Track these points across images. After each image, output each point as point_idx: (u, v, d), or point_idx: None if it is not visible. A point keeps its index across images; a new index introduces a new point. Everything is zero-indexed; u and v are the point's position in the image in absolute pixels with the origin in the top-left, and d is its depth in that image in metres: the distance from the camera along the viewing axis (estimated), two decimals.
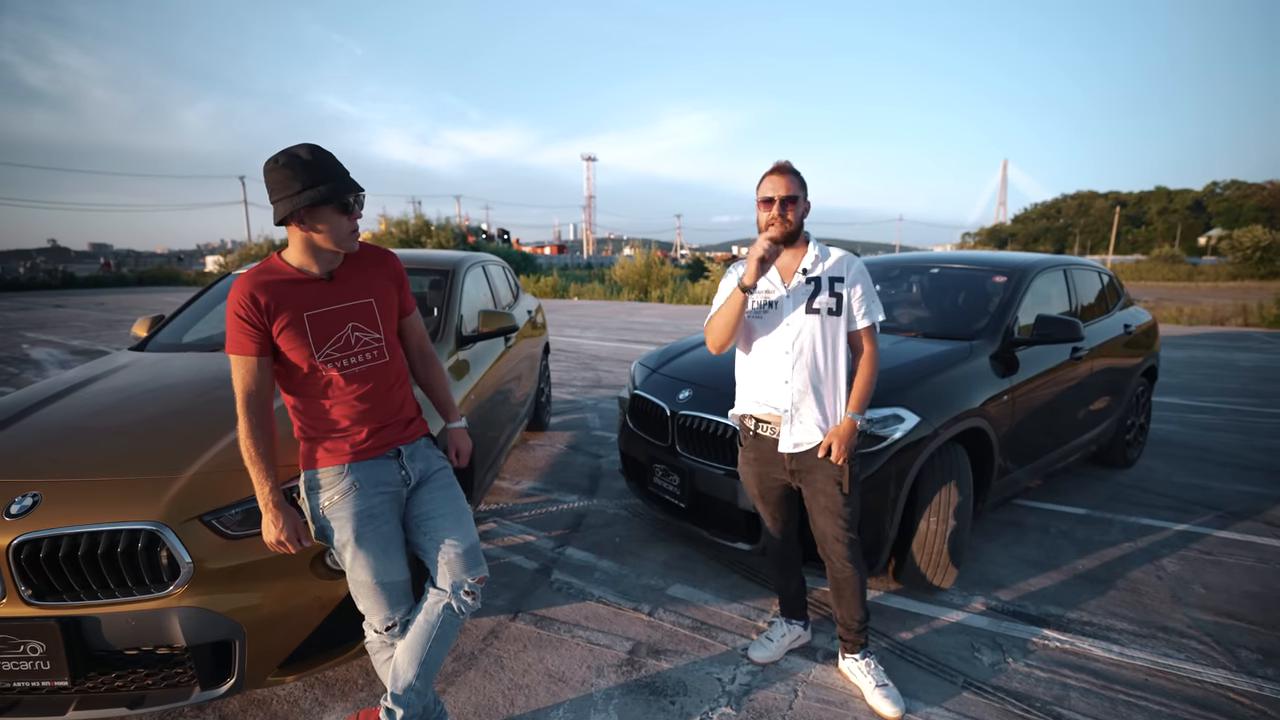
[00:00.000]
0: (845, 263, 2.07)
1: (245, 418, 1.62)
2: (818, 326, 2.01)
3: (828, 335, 2.02)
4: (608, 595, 2.79)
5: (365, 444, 1.73)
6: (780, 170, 2.01)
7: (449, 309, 3.22)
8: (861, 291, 2.04)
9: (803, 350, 2.02)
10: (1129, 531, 3.41)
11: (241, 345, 1.61)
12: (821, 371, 2.02)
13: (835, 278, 2.04)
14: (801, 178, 2.02)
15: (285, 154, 1.56)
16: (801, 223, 2.04)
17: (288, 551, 1.66)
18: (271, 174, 1.55)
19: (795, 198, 1.98)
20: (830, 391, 2.04)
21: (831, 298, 2.01)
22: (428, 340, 2.00)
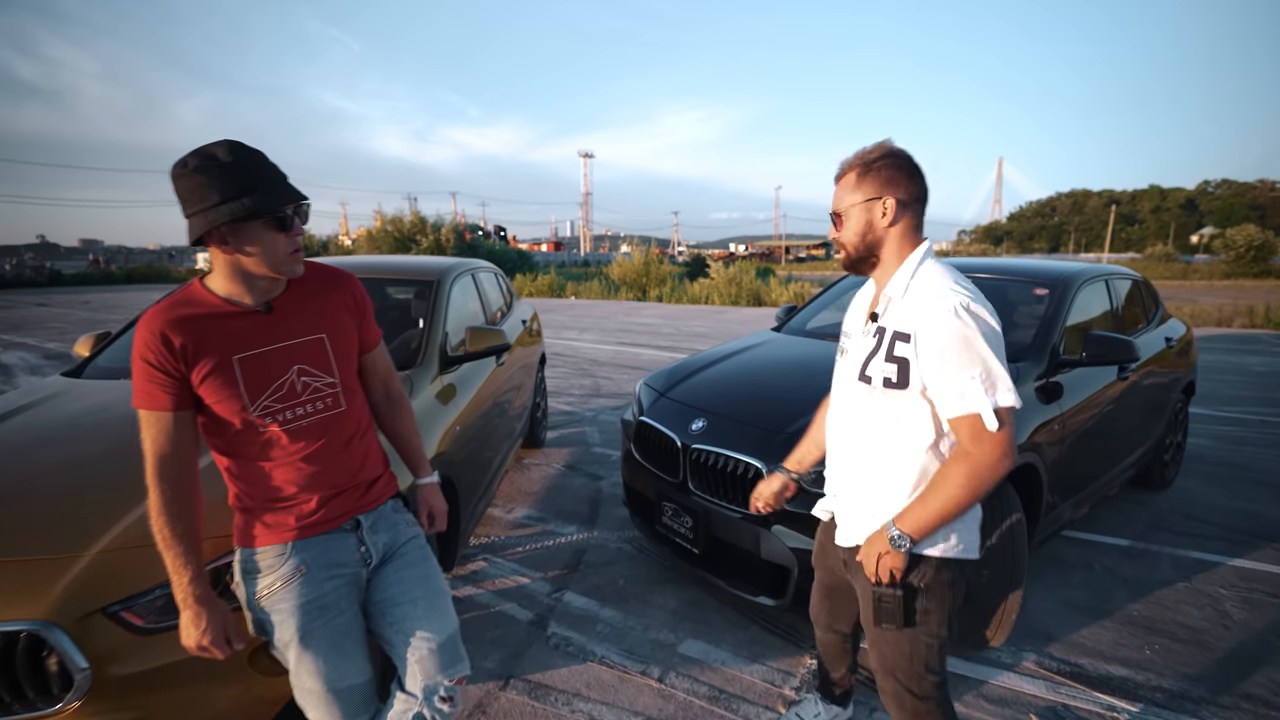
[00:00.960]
0: (925, 307, 1.27)
1: (157, 489, 1.27)
2: (867, 400, 1.39)
3: (883, 417, 1.37)
4: (612, 655, 2.46)
5: (314, 516, 1.40)
6: (837, 175, 1.42)
7: (432, 326, 2.88)
8: (939, 358, 1.24)
9: (846, 428, 1.47)
10: (1180, 568, 3.11)
11: (152, 398, 1.27)
12: (869, 463, 1.42)
13: (901, 333, 1.31)
14: (871, 169, 1.35)
15: (197, 155, 1.21)
16: (865, 243, 1.39)
17: (213, 657, 1.32)
18: (180, 181, 1.21)
19: (837, 215, 1.42)
20: (882, 491, 1.40)
21: (890, 363, 1.32)
22: (395, 378, 1.66)
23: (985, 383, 1.22)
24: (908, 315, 1.31)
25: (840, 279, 4.35)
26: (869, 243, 1.39)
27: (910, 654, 1.42)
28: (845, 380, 1.48)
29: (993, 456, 1.23)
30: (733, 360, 3.23)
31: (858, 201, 1.37)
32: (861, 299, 1.54)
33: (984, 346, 1.22)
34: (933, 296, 1.28)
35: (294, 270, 1.34)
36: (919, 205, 1.38)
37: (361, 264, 3.54)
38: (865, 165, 1.36)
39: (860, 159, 1.38)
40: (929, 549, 1.36)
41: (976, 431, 1.24)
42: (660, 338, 11.36)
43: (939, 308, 1.26)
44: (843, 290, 4.22)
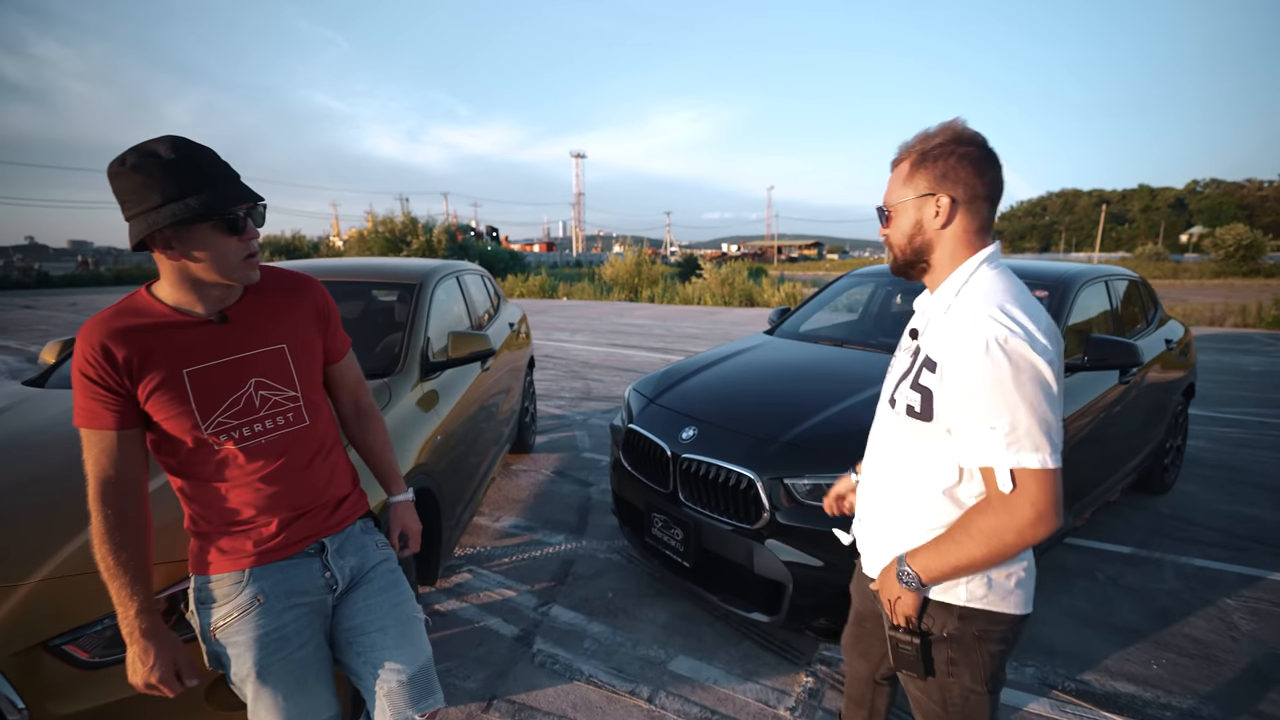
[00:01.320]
0: (957, 334, 1.06)
1: (100, 513, 1.17)
2: (892, 428, 1.23)
3: (905, 446, 1.19)
4: (599, 673, 2.36)
5: (274, 540, 1.30)
6: (891, 164, 1.20)
7: (413, 332, 2.77)
8: (961, 398, 1.04)
9: (874, 451, 1.30)
10: (1183, 576, 3.04)
11: (94, 416, 1.16)
12: (890, 492, 1.24)
13: (929, 359, 1.11)
14: (930, 159, 1.12)
15: (136, 152, 1.10)
16: (913, 246, 1.17)
17: (163, 695, 1.21)
18: (117, 180, 1.10)
19: (881, 210, 1.22)
20: (900, 526, 1.23)
21: (915, 390, 1.14)
22: (366, 390, 1.56)
23: (1007, 436, 0.99)
24: (940, 340, 1.09)
25: (835, 280, 4.26)
26: (918, 246, 1.17)
27: (943, 703, 1.23)
28: (882, 399, 1.29)
29: (1020, 520, 1.01)
30: (724, 365, 3.13)
31: (908, 197, 1.15)
32: (918, 307, 1.33)
33: (1015, 393, 0.99)
34: (967, 322, 1.05)
35: (248, 277, 1.23)
36: (984, 204, 1.13)
37: (343, 267, 3.42)
38: (922, 153, 1.13)
39: (919, 144, 1.15)
40: (948, 596, 1.15)
41: (992, 491, 1.05)
42: (652, 339, 11.26)
43: (970, 338, 1.03)
44: (837, 292, 4.14)
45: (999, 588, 1.14)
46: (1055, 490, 1.02)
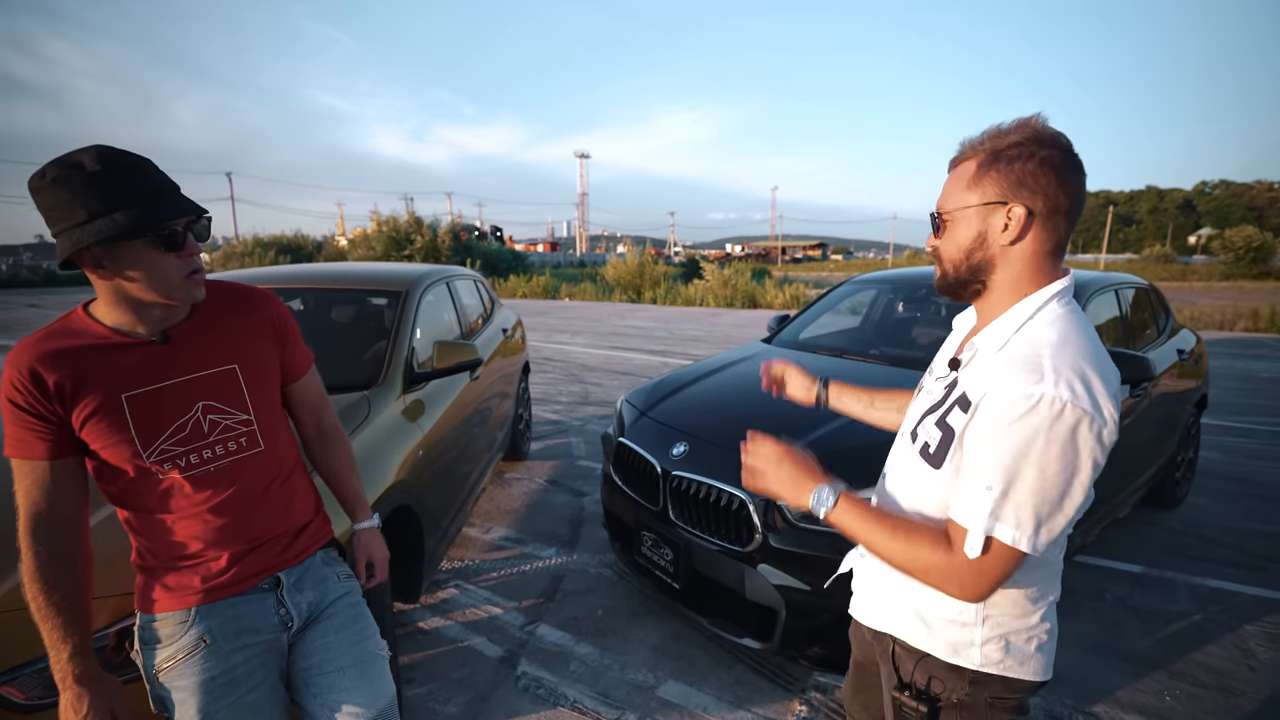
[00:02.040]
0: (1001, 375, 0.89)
1: (30, 550, 1.08)
2: (907, 463, 1.06)
3: (921, 491, 1.02)
4: (585, 698, 2.26)
5: (224, 576, 1.21)
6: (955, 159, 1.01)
7: (397, 341, 2.68)
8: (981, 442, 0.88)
9: (887, 487, 1.13)
10: (1197, 597, 2.92)
11: (24, 445, 1.07)
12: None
13: (963, 396, 0.94)
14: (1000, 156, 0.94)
15: (58, 164, 1.01)
16: (972, 264, 0.98)
17: None
18: (38, 195, 1.01)
19: (934, 217, 1.03)
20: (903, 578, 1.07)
21: (939, 429, 0.97)
22: (329, 410, 1.47)
23: (996, 501, 0.86)
24: (985, 379, 0.91)
25: (837, 286, 4.16)
26: (976, 263, 0.98)
27: None
28: (909, 421, 1.12)
29: (959, 576, 0.90)
30: (719, 376, 3.03)
31: (971, 204, 0.96)
32: (958, 327, 1.18)
33: (1033, 463, 0.84)
34: (1026, 370, 0.86)
35: (192, 295, 1.14)
36: (1063, 220, 0.94)
37: (329, 273, 3.34)
38: (993, 153, 0.95)
39: (989, 142, 0.96)
40: (961, 659, 1.01)
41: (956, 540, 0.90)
42: (653, 341, 11.16)
43: (1021, 387, 0.85)
44: (838, 299, 4.03)
45: (1017, 652, 1.00)
46: (1008, 572, 0.88)
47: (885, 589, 1.13)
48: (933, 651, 1.04)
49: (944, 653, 1.03)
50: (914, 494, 1.04)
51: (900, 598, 1.09)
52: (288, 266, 3.69)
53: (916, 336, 3.59)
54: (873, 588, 1.17)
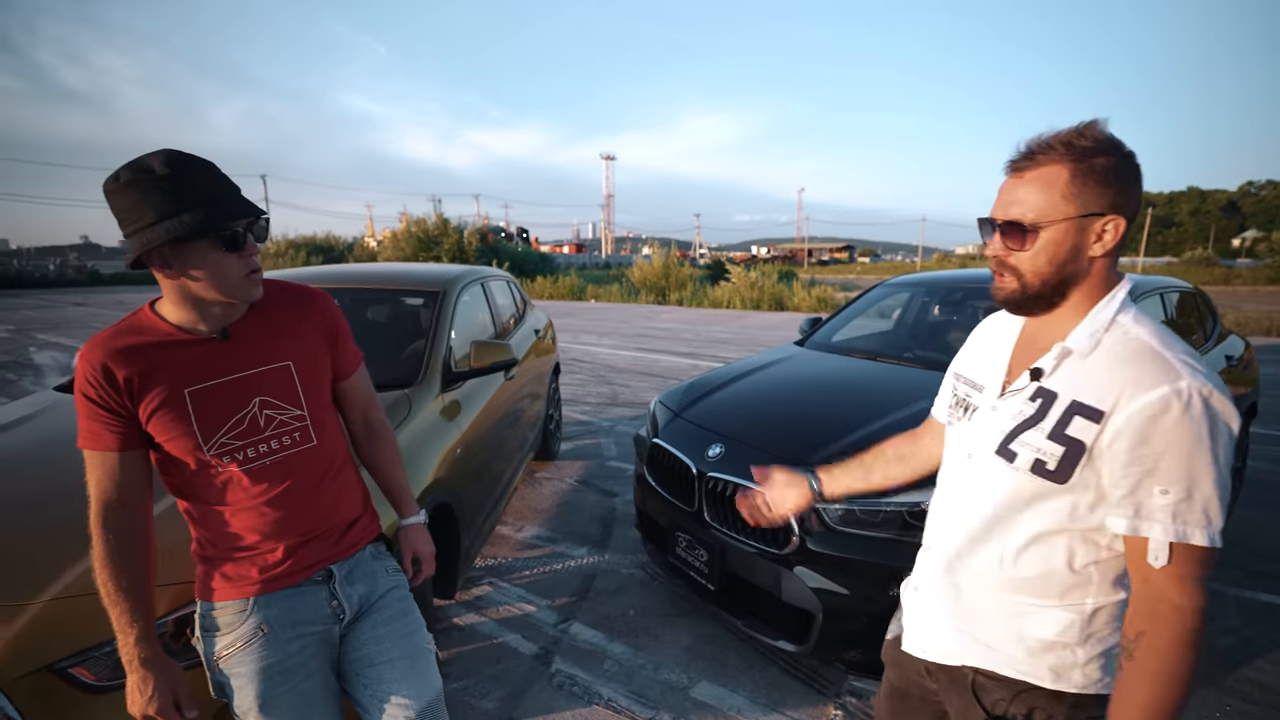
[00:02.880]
0: (1133, 379, 0.87)
1: (101, 537, 1.14)
2: (1004, 484, 0.99)
3: (1031, 510, 0.97)
4: (619, 696, 2.28)
5: (280, 567, 1.25)
6: (1019, 162, 0.95)
7: (436, 340, 2.73)
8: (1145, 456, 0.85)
9: (969, 512, 1.05)
10: (1247, 613, 2.83)
11: (96, 438, 1.13)
12: (998, 564, 1.01)
13: (1085, 406, 0.90)
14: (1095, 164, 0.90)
15: (130, 168, 1.06)
16: (1061, 275, 0.95)
17: None
18: (112, 198, 1.07)
19: (1027, 228, 0.94)
20: (1000, 602, 1.02)
21: (1055, 442, 0.93)
22: (377, 407, 1.51)
23: (1178, 504, 0.83)
24: (1103, 384, 0.89)
25: (869, 289, 4.12)
26: (1065, 275, 0.94)
27: None
28: (969, 447, 1.06)
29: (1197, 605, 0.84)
30: (753, 378, 3.03)
31: (1070, 215, 0.91)
32: (995, 338, 1.13)
33: (1207, 456, 0.83)
34: (1154, 368, 0.86)
35: (250, 294, 1.19)
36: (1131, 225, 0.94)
37: (367, 273, 3.41)
38: (1085, 160, 0.90)
39: (1075, 147, 0.90)
40: (1061, 683, 0.98)
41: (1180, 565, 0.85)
42: (680, 343, 11.16)
43: (1163, 387, 0.84)
44: (872, 301, 4.00)
45: (1113, 665, 0.96)
46: (1208, 572, 0.85)
47: (963, 621, 1.07)
48: (1032, 679, 1.00)
49: (1045, 679, 0.99)
50: (1028, 515, 0.97)
51: (990, 626, 1.03)
52: (327, 267, 3.78)
53: (952, 340, 3.53)
54: (940, 621, 1.11)
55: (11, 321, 14.89)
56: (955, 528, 1.08)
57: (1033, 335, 1.04)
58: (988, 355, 1.12)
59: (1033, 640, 0.99)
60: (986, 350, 1.13)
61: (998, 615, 1.02)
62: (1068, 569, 0.96)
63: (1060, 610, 0.97)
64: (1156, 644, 0.86)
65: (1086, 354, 0.93)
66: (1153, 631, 0.86)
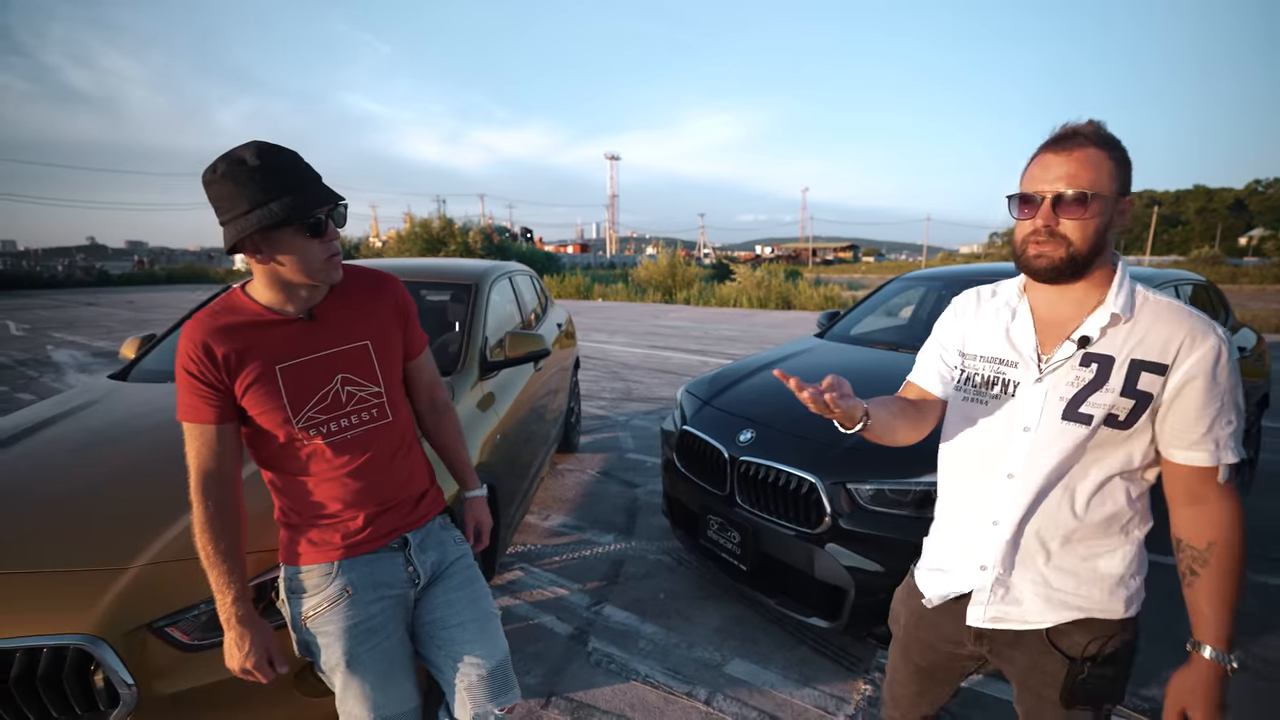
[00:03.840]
0: (1184, 337, 1.02)
1: (201, 504, 1.22)
2: (1082, 444, 1.08)
3: (1101, 459, 1.08)
4: (655, 674, 2.37)
5: (361, 534, 1.34)
6: (1066, 142, 1.05)
7: (472, 332, 2.82)
8: (1203, 398, 1.01)
9: (1044, 480, 1.11)
10: (1262, 596, 2.90)
11: (196, 410, 1.22)
12: (1066, 516, 1.11)
13: (1148, 363, 1.03)
14: (1119, 155, 1.05)
15: (225, 160, 1.15)
16: (1100, 243, 1.06)
17: (257, 680, 1.26)
18: (210, 188, 1.16)
19: (1088, 197, 1.02)
20: (1076, 553, 1.12)
21: (1126, 398, 1.04)
22: (441, 386, 1.59)
23: (1235, 434, 1.04)
24: (1158, 342, 1.03)
25: (886, 283, 4.19)
26: (1102, 245, 1.06)
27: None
28: (1024, 420, 1.13)
29: (1241, 511, 1.05)
30: (779, 367, 3.11)
31: (1110, 192, 1.04)
32: (997, 319, 1.21)
33: (1240, 394, 1.04)
34: (1190, 324, 1.02)
35: (331, 276, 1.28)
36: None
37: (399, 266, 3.51)
38: (1117, 150, 1.05)
39: (1104, 137, 1.05)
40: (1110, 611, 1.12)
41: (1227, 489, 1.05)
42: (690, 341, 11.24)
43: (1207, 341, 1.01)
44: (888, 296, 4.07)
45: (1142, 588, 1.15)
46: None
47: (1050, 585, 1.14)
48: (1109, 615, 1.12)
49: (1119, 611, 1.12)
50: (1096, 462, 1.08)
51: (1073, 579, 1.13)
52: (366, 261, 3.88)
53: None
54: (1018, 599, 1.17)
55: (27, 321, 15.07)
56: (1023, 497, 1.13)
57: (1051, 310, 1.14)
58: (1001, 334, 1.19)
59: (1108, 579, 1.12)
60: (994, 330, 1.20)
61: (1079, 566, 1.13)
62: (1127, 506, 1.10)
63: (1125, 546, 1.12)
64: (1229, 547, 1.04)
65: (1131, 318, 1.06)
66: (1223, 539, 1.04)
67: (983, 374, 1.20)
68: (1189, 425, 1.03)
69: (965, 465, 1.23)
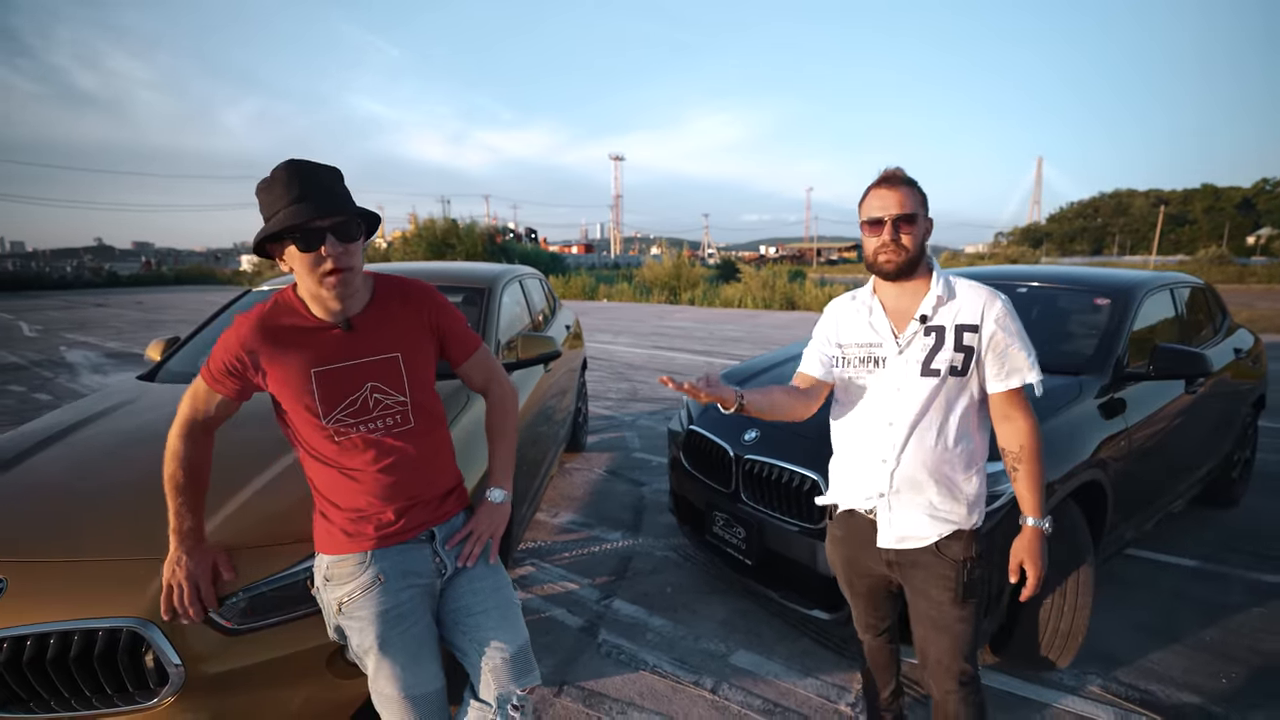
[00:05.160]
0: (983, 303, 1.49)
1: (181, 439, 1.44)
2: (936, 391, 1.50)
3: (951, 402, 1.51)
4: (663, 664, 2.46)
5: (392, 526, 1.43)
6: (890, 181, 1.51)
7: (485, 334, 2.92)
8: (1003, 342, 1.47)
9: (914, 423, 1.52)
10: (1255, 593, 2.97)
11: (216, 381, 1.39)
12: (937, 450, 1.51)
13: (966, 325, 1.49)
14: (920, 190, 1.52)
15: (268, 176, 1.29)
16: (922, 249, 1.52)
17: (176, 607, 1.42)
18: (258, 196, 1.30)
19: (913, 216, 1.48)
20: (949, 474, 1.53)
21: (958, 352, 1.49)
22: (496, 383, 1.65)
23: (1023, 358, 1.49)
24: (968, 311, 1.50)
25: None
26: (921, 250, 1.53)
27: (974, 624, 1.57)
28: (895, 383, 1.54)
29: (1036, 419, 1.52)
30: (784, 368, 3.19)
31: (922, 214, 1.51)
32: (858, 315, 1.63)
33: (1020, 330, 1.50)
34: (986, 295, 1.51)
35: (335, 293, 1.32)
36: None
37: (414, 270, 3.61)
38: (915, 183, 1.53)
39: (908, 176, 1.53)
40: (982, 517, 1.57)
41: (1023, 402, 1.51)
42: (695, 341, 11.33)
43: (994, 303, 1.50)
44: None
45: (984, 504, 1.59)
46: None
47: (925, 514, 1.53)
48: (972, 526, 1.54)
49: (976, 523, 1.55)
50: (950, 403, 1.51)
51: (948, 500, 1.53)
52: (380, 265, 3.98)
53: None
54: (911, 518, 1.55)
55: (39, 322, 15.26)
56: (911, 436, 1.52)
57: (896, 302, 1.57)
58: (864, 325, 1.60)
59: (968, 498, 1.54)
60: (858, 323, 1.62)
61: (951, 489, 1.53)
62: (977, 440, 1.55)
63: (976, 473, 1.55)
64: (1033, 448, 1.50)
65: (950, 298, 1.52)
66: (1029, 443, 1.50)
67: (859, 356, 1.60)
68: (999, 363, 1.48)
69: (854, 421, 1.63)
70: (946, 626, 1.56)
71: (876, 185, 1.53)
